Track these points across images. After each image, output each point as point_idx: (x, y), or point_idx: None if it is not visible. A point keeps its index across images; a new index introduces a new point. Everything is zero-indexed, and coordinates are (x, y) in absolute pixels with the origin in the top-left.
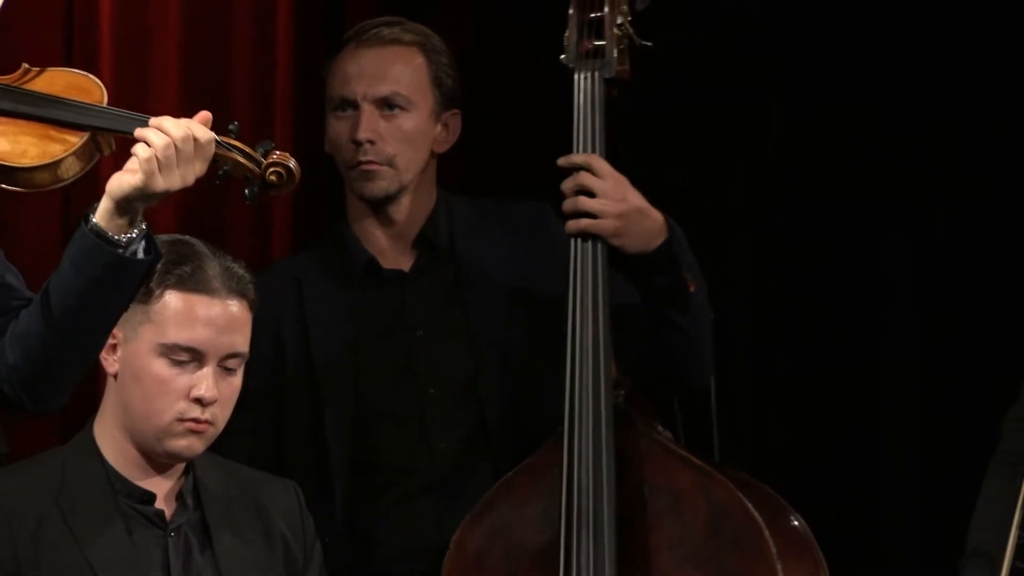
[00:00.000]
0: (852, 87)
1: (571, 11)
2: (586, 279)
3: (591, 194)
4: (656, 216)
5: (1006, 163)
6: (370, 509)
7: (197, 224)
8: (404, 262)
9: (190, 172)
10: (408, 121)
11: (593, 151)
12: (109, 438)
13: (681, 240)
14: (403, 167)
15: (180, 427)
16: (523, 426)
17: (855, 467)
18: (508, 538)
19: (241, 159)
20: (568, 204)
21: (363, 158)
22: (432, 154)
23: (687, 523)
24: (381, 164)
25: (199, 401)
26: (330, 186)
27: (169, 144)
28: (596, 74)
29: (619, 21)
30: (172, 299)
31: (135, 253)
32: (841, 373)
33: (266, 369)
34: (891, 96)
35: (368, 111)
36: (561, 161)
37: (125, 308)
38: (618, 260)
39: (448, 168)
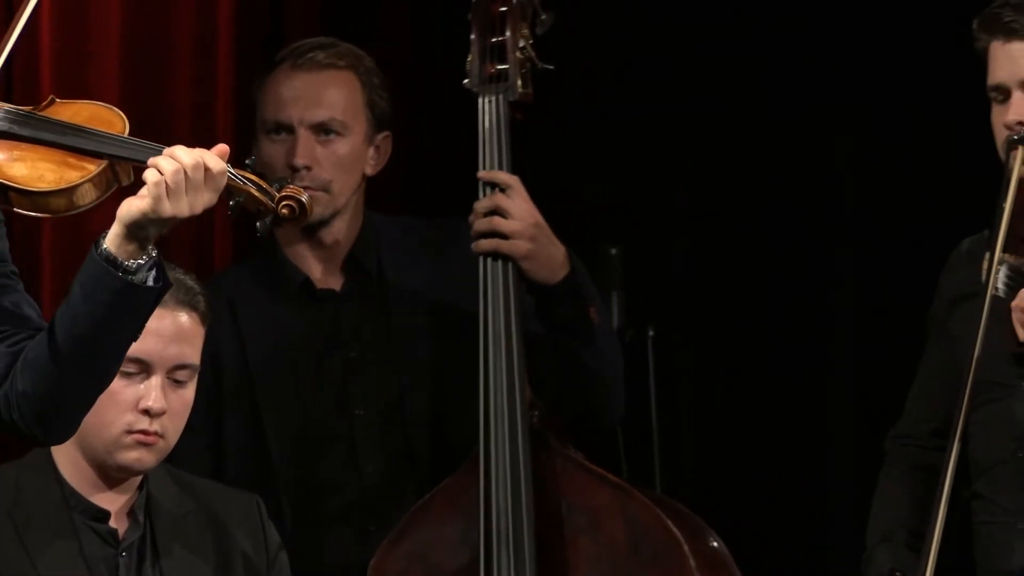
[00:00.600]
0: (837, 91)
1: (472, 36)
2: (497, 299)
3: (504, 215)
4: (560, 247)
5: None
6: (305, 529)
7: None
8: (335, 283)
9: (199, 200)
10: (343, 146)
11: None
12: (64, 453)
13: (584, 273)
14: (337, 192)
15: (129, 439)
16: (449, 449)
17: (799, 495)
18: (427, 561)
19: (255, 192)
20: (483, 223)
21: (299, 184)
22: (364, 177)
23: (606, 540)
24: (316, 189)
25: (147, 412)
26: None
27: (179, 170)
28: (500, 97)
29: (521, 45)
30: None
31: (144, 280)
32: (785, 399)
33: (204, 386)
34: (876, 100)
35: (304, 136)
36: (483, 175)
37: (135, 337)
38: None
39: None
